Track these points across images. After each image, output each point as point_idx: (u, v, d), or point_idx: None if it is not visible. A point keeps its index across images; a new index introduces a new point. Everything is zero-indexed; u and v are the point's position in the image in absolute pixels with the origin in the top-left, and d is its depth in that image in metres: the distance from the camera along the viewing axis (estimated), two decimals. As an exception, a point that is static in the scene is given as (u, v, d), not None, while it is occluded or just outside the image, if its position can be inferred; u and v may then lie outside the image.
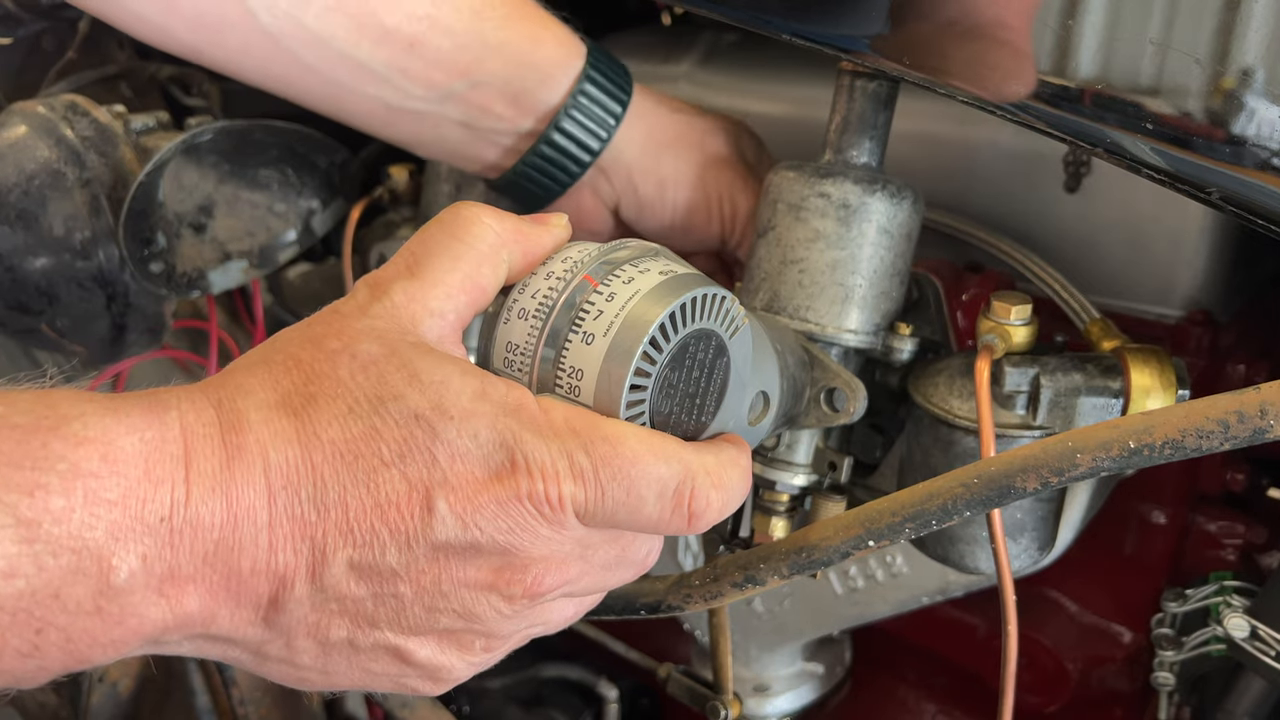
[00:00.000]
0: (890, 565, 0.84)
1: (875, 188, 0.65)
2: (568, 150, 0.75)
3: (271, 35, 0.69)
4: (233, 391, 0.44)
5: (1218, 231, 0.75)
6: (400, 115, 0.74)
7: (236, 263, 0.91)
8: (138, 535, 0.39)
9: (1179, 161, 0.52)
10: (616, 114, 0.76)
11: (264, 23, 0.68)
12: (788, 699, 0.95)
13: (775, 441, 0.69)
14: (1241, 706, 0.73)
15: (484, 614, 0.46)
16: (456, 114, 0.74)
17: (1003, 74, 0.56)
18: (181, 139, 0.82)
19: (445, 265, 0.47)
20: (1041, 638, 0.85)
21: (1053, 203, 0.79)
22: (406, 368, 0.44)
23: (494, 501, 0.43)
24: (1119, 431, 0.49)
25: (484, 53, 0.71)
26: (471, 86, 0.72)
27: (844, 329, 0.66)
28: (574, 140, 0.75)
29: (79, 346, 0.85)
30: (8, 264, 0.80)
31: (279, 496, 0.42)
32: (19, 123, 0.81)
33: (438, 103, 0.73)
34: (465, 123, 0.74)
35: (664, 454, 0.46)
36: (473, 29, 0.71)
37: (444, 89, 0.72)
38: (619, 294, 0.47)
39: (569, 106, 0.74)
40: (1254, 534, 0.81)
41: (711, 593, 0.61)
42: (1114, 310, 0.77)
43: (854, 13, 0.61)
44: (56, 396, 0.41)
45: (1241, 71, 0.49)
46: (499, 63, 0.72)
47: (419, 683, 0.48)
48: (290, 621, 0.43)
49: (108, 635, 0.40)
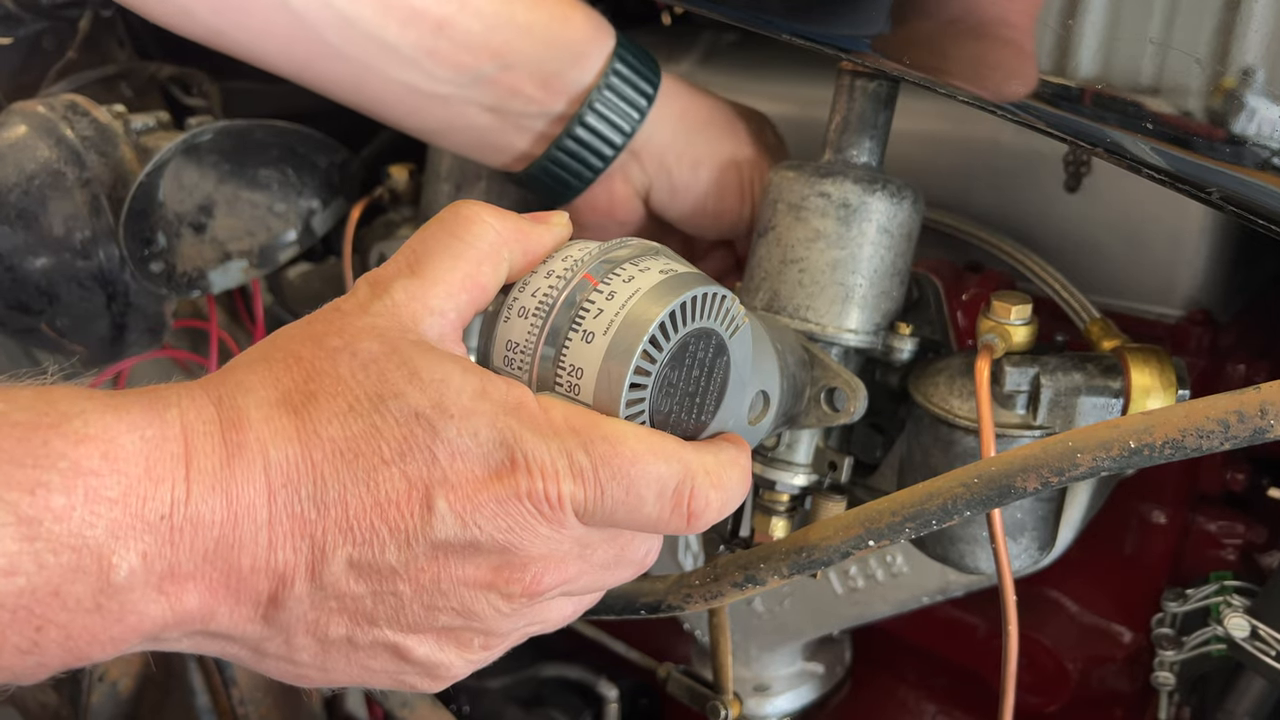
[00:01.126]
0: (890, 565, 0.84)
1: (875, 187, 0.65)
2: (602, 133, 0.73)
3: (297, 15, 0.67)
4: (233, 389, 0.44)
5: (1218, 231, 0.75)
6: (427, 101, 0.72)
7: (236, 263, 0.91)
8: (138, 533, 0.40)
9: (1179, 161, 0.52)
10: (649, 94, 0.74)
11: (289, 2, 0.67)
12: (788, 699, 0.95)
13: (775, 441, 0.69)
14: (1242, 706, 0.73)
15: (483, 612, 0.46)
16: (486, 98, 0.72)
17: (1005, 73, 0.55)
18: (181, 139, 0.82)
19: (446, 264, 0.47)
20: (1041, 638, 0.85)
21: (1053, 203, 0.79)
22: (407, 366, 0.44)
23: (493, 500, 0.43)
24: (1119, 431, 0.49)
25: (514, 33, 0.70)
26: (502, 69, 0.70)
27: (844, 328, 0.66)
28: (608, 122, 0.73)
29: (79, 346, 0.85)
30: (8, 264, 0.80)
31: (279, 494, 0.42)
32: (19, 123, 0.81)
33: (467, 86, 0.71)
34: (494, 107, 0.73)
35: (664, 453, 0.46)
36: (503, 10, 0.69)
37: (473, 71, 0.70)
38: (619, 292, 0.47)
39: (603, 86, 0.72)
40: (1254, 534, 0.81)
41: (711, 592, 0.61)
42: (1114, 310, 0.77)
43: (854, 12, 0.61)
44: (57, 394, 0.41)
45: (1242, 71, 0.49)
46: (529, 43, 0.70)
47: (417, 680, 0.48)
48: (289, 619, 0.43)
49: (107, 632, 0.40)
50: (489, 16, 0.69)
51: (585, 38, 0.72)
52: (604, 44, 0.73)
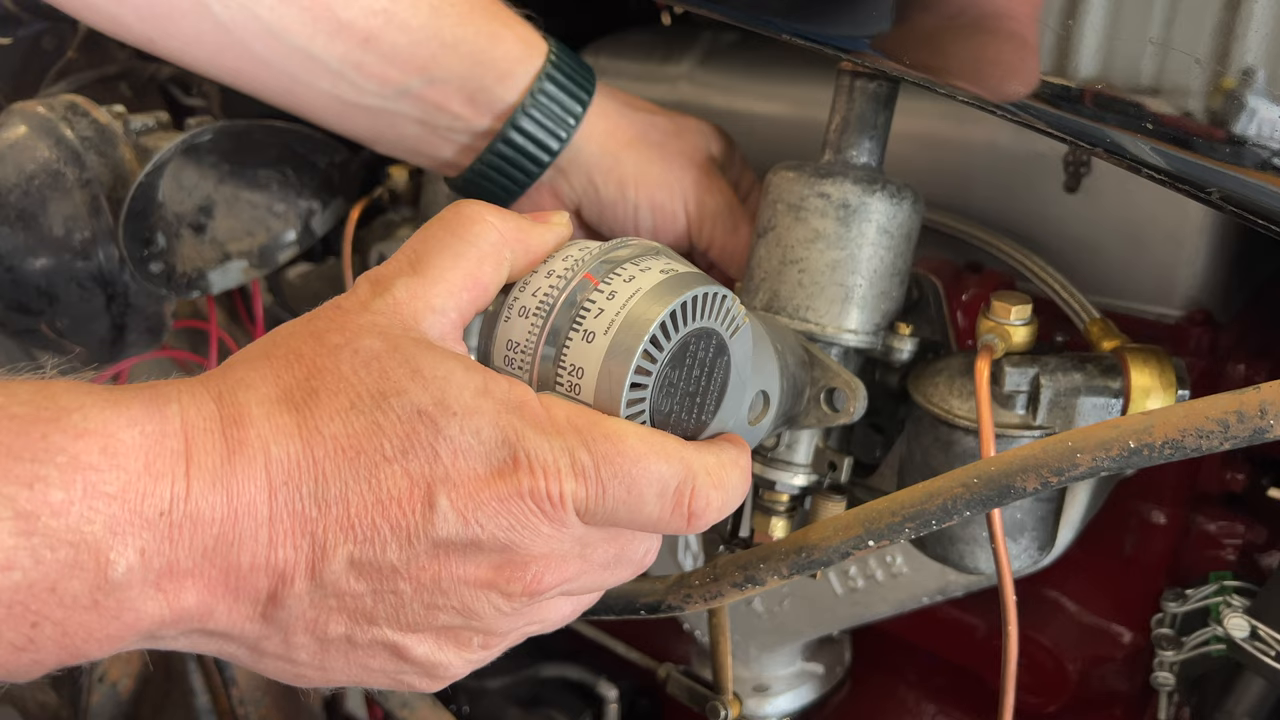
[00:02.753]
0: (890, 565, 0.84)
1: (875, 188, 0.65)
2: (525, 149, 0.74)
3: (224, 26, 0.68)
4: (234, 385, 0.44)
5: (1218, 231, 0.75)
6: (355, 111, 0.73)
7: (236, 263, 0.91)
8: (136, 530, 0.39)
9: (1179, 161, 0.52)
10: (576, 113, 0.74)
11: (216, 13, 0.67)
12: (788, 699, 0.95)
13: (775, 441, 0.69)
14: (1241, 706, 0.73)
15: (483, 611, 0.46)
16: (412, 111, 0.73)
17: (1007, 69, 0.55)
18: (181, 139, 0.82)
19: (447, 262, 0.47)
20: (1041, 638, 0.85)
21: (1053, 203, 0.79)
22: (409, 363, 0.44)
23: (495, 498, 0.43)
24: (1119, 431, 0.49)
25: (440, 49, 0.70)
26: (427, 84, 0.71)
27: (844, 329, 0.66)
28: (532, 139, 0.74)
29: (79, 347, 0.85)
30: (8, 264, 0.80)
31: (280, 492, 0.42)
32: (19, 123, 0.81)
33: (393, 99, 0.72)
34: (421, 120, 0.74)
35: (664, 453, 0.46)
36: (430, 25, 0.70)
37: (399, 85, 0.71)
38: (620, 292, 0.47)
39: (527, 105, 0.73)
40: (1254, 534, 0.81)
41: (711, 593, 0.61)
42: (1114, 310, 0.77)
43: (854, 12, 0.61)
44: (56, 388, 0.41)
45: (1242, 71, 0.49)
46: (455, 60, 0.71)
47: (416, 679, 0.48)
48: (288, 617, 0.43)
49: (104, 630, 0.40)
50: (415, 31, 0.70)
51: (512, 56, 0.73)
52: (532, 63, 0.73)
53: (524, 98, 0.73)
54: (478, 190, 0.77)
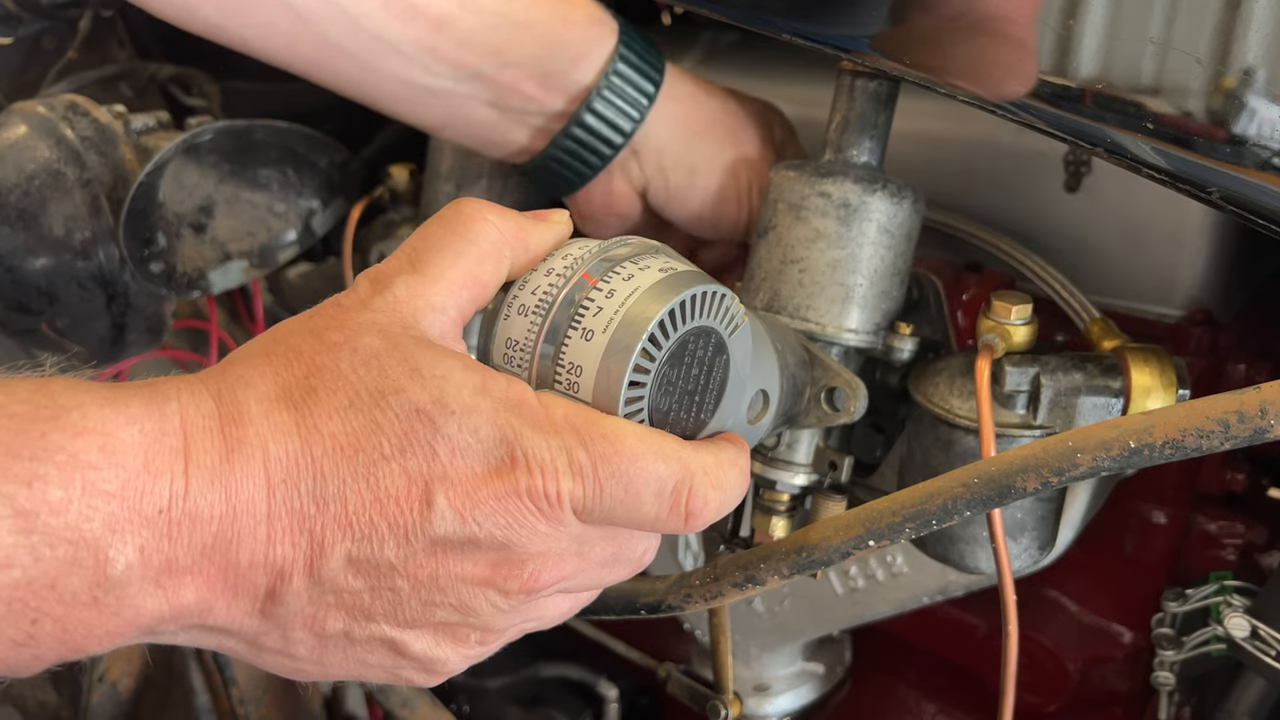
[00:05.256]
0: (890, 565, 0.84)
1: (875, 187, 0.65)
2: (599, 132, 0.74)
3: (299, 13, 0.68)
4: (233, 383, 0.44)
5: (1218, 231, 0.75)
6: (428, 97, 0.73)
7: (236, 263, 0.91)
8: (135, 527, 0.39)
9: (1179, 161, 0.52)
10: (650, 94, 0.74)
11: (292, 1, 0.68)
12: (788, 698, 0.95)
13: (775, 441, 0.69)
14: (1242, 706, 0.73)
15: (480, 608, 0.46)
16: (485, 95, 0.73)
17: (1005, 70, 0.55)
18: (181, 139, 0.82)
19: (447, 261, 0.47)
20: (1041, 638, 0.85)
21: (1053, 203, 0.79)
22: (408, 362, 0.44)
23: (493, 497, 0.43)
24: (1119, 431, 0.49)
25: (513, 32, 0.70)
26: (500, 67, 0.71)
27: (844, 328, 0.66)
28: (606, 121, 0.73)
29: (79, 346, 0.85)
30: (8, 264, 0.80)
31: (278, 490, 0.42)
32: (19, 123, 0.81)
33: (466, 83, 0.72)
34: (494, 104, 0.73)
35: (662, 452, 0.46)
36: (502, 8, 0.70)
37: (472, 69, 0.71)
38: (619, 291, 0.47)
39: (601, 86, 0.72)
40: (1254, 534, 0.81)
41: (711, 592, 0.61)
42: (1114, 310, 0.77)
43: (854, 12, 0.61)
44: (55, 386, 0.41)
45: (1242, 71, 0.49)
46: (528, 42, 0.71)
47: (413, 674, 0.48)
48: (287, 614, 0.43)
49: (103, 626, 0.40)
50: (488, 15, 0.70)
51: (585, 37, 0.72)
52: (605, 43, 0.73)
53: (599, 79, 0.72)
54: (551, 174, 0.77)
